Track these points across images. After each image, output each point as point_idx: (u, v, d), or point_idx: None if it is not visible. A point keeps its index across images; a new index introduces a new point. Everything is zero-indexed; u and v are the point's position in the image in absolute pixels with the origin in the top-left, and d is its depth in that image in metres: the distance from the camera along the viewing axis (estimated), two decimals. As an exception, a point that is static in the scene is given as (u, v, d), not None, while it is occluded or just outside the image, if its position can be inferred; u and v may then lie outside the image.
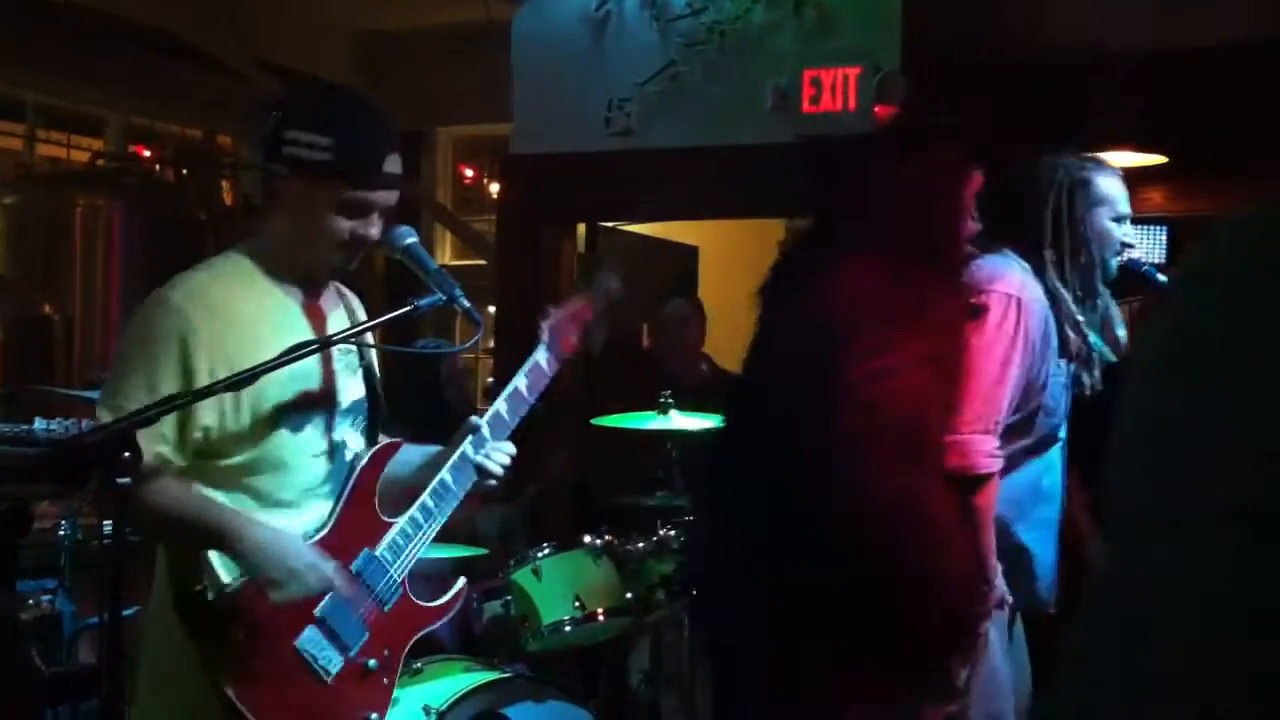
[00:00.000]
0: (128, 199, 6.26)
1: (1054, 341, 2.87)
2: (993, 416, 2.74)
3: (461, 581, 2.65)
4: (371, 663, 2.41)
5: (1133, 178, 6.13)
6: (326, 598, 2.33)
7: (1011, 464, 2.87)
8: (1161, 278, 3.10)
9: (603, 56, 5.73)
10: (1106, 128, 5.73)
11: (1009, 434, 2.82)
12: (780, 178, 5.35)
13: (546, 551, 3.87)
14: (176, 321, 2.22)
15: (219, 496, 2.28)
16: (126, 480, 2.00)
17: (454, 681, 3.54)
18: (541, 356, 2.68)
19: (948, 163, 2.62)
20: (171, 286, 2.27)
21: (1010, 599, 2.95)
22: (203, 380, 2.20)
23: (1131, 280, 3.12)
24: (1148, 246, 6.08)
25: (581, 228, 6.22)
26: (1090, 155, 3.41)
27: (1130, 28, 5.59)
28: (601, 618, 3.82)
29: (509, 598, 3.88)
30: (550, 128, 5.80)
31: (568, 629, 3.78)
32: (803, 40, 5.38)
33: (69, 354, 6.08)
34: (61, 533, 3.92)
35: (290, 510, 2.34)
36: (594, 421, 4.04)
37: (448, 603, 2.61)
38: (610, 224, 6.30)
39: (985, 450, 2.73)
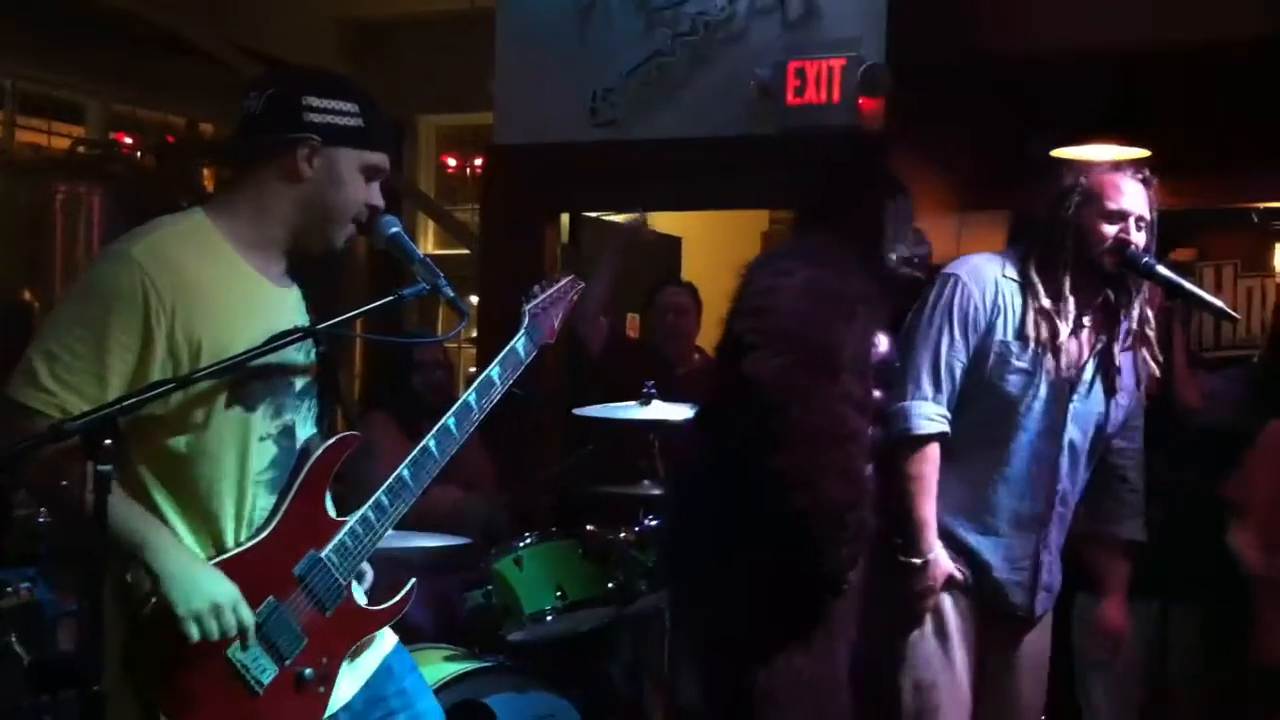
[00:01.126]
0: (109, 186, 6.23)
1: (997, 321, 3.05)
2: (925, 380, 3.02)
3: (411, 583, 2.52)
4: (308, 672, 2.29)
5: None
6: (263, 603, 2.22)
7: (959, 456, 2.96)
8: (1162, 270, 3.12)
9: (587, 46, 5.72)
10: (1088, 122, 5.75)
11: (959, 409, 3.04)
12: (764, 169, 5.37)
13: (529, 541, 3.87)
14: (138, 277, 2.14)
15: (151, 481, 2.20)
16: (108, 467, 2.00)
17: (435, 671, 3.54)
18: (520, 344, 2.63)
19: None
20: (131, 239, 2.20)
21: (960, 577, 3.05)
22: (159, 344, 2.14)
23: (1131, 272, 3.14)
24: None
25: (565, 218, 6.21)
26: (1086, 155, 3.52)
27: (1113, 24, 5.60)
28: (583, 607, 3.82)
29: (490, 587, 3.88)
30: (534, 118, 5.79)
31: (549, 619, 3.78)
32: (787, 31, 5.38)
33: (48, 341, 6.05)
34: (41, 520, 3.90)
35: (227, 500, 2.24)
36: (575, 412, 4.04)
37: (395, 606, 2.48)
38: (594, 214, 6.29)
39: (922, 414, 3.00)
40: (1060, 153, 5.91)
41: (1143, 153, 5.86)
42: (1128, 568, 3.34)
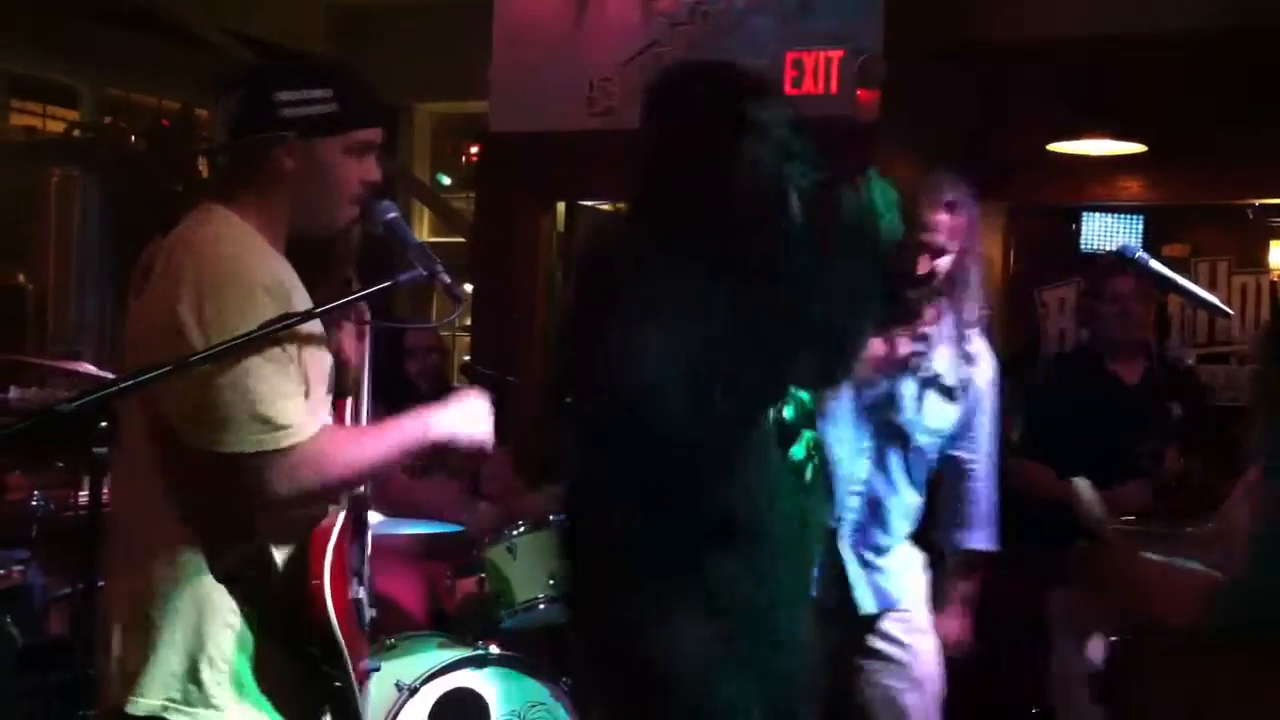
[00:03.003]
0: (103, 170, 6.22)
1: None
2: None
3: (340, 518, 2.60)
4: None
5: (1110, 166, 6.21)
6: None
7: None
8: (1154, 264, 3.12)
9: (584, 35, 5.72)
10: (1084, 116, 5.75)
11: None
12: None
13: (521, 529, 3.88)
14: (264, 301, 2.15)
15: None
16: (104, 450, 1.99)
17: (427, 658, 3.54)
18: None
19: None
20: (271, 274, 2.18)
21: None
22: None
23: (1124, 267, 3.15)
24: (1124, 233, 6.12)
25: (561, 206, 6.21)
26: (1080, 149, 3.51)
27: (1108, 15, 5.60)
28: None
29: (483, 575, 3.88)
30: (530, 106, 5.79)
31: (541, 607, 3.78)
32: (784, 22, 5.37)
33: (42, 324, 6.05)
34: (34, 504, 3.90)
35: None
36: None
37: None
38: (589, 203, 6.29)
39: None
40: (1055, 147, 5.92)
41: (1137, 147, 5.87)
42: (972, 581, 3.34)
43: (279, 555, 2.23)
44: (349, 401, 2.52)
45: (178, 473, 2.18)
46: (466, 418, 2.37)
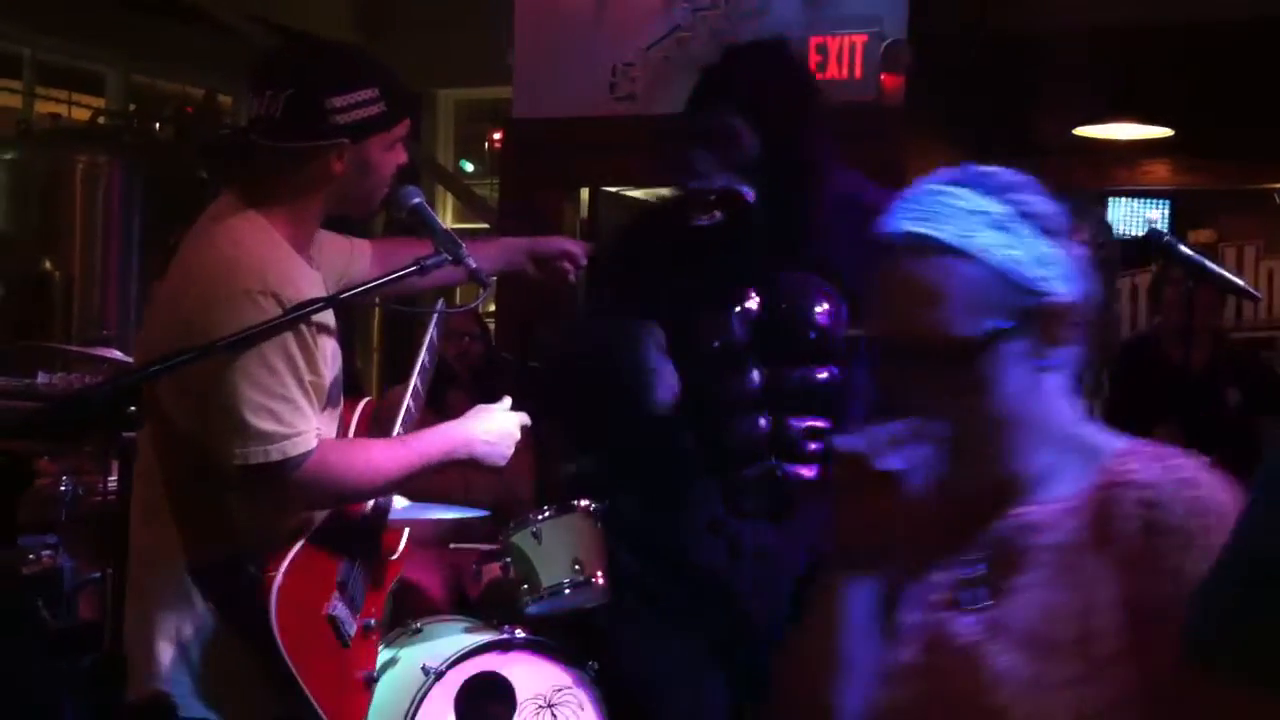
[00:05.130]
0: (128, 157, 6.24)
1: None
2: None
3: (405, 532, 2.62)
4: (371, 622, 2.42)
5: (1137, 150, 6.18)
6: (343, 563, 2.33)
7: None
8: (1183, 248, 3.09)
9: (607, 20, 5.71)
10: (1112, 101, 5.72)
11: None
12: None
13: (546, 515, 3.87)
14: (274, 310, 2.12)
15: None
16: (132, 434, 2.00)
17: (453, 642, 3.55)
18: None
19: None
20: (248, 274, 2.13)
21: None
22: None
23: (1152, 250, 3.13)
24: (1152, 218, 6.08)
25: (584, 192, 6.20)
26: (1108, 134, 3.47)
27: (1137, 2, 5.57)
28: (601, 581, 3.83)
29: (508, 560, 3.88)
30: (553, 92, 5.78)
31: (567, 592, 3.78)
32: (808, 6, 5.35)
33: (69, 311, 6.07)
34: (62, 489, 3.92)
35: None
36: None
37: (401, 554, 2.62)
38: (613, 189, 6.28)
39: None
40: (1081, 131, 5.89)
41: (1164, 132, 5.84)
42: None
43: (251, 564, 2.23)
44: (360, 401, 2.51)
45: (172, 466, 2.20)
46: (493, 437, 2.36)
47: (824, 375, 2.47)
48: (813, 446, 2.46)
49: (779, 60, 2.64)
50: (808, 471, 2.47)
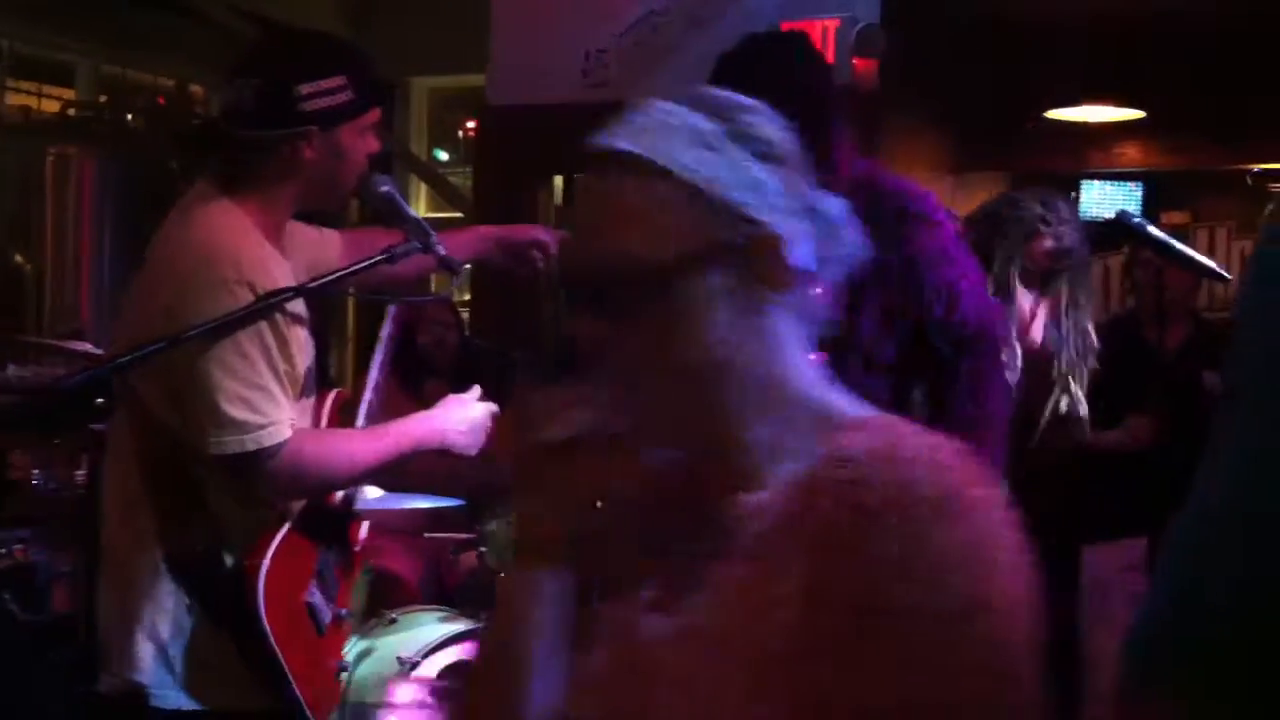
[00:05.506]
0: (100, 148, 6.20)
1: None
2: None
3: (365, 523, 2.59)
4: (343, 612, 2.43)
5: (1110, 133, 6.20)
6: (319, 551, 2.33)
7: None
8: (1152, 230, 3.11)
9: (581, 6, 5.69)
10: (1084, 84, 5.74)
11: None
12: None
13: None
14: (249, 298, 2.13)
15: None
16: (101, 426, 2.00)
17: (428, 631, 3.55)
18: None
19: None
20: (221, 263, 2.14)
21: None
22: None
23: (1121, 233, 3.15)
24: (1124, 200, 6.10)
25: (558, 180, 6.19)
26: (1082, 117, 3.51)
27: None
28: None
29: (484, 549, 3.88)
30: (527, 78, 5.76)
31: (543, 580, 3.79)
32: (782, -9, 5.34)
33: (40, 304, 6.04)
34: (35, 482, 3.90)
35: None
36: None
37: (364, 545, 2.60)
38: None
39: None
40: (1055, 114, 5.91)
41: (1137, 114, 5.86)
42: None
43: (230, 553, 2.23)
44: (331, 392, 2.50)
45: (149, 456, 2.19)
46: (465, 427, 2.36)
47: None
48: None
49: (799, 50, 2.70)
50: None
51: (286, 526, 2.26)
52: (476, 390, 2.43)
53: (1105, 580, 4.10)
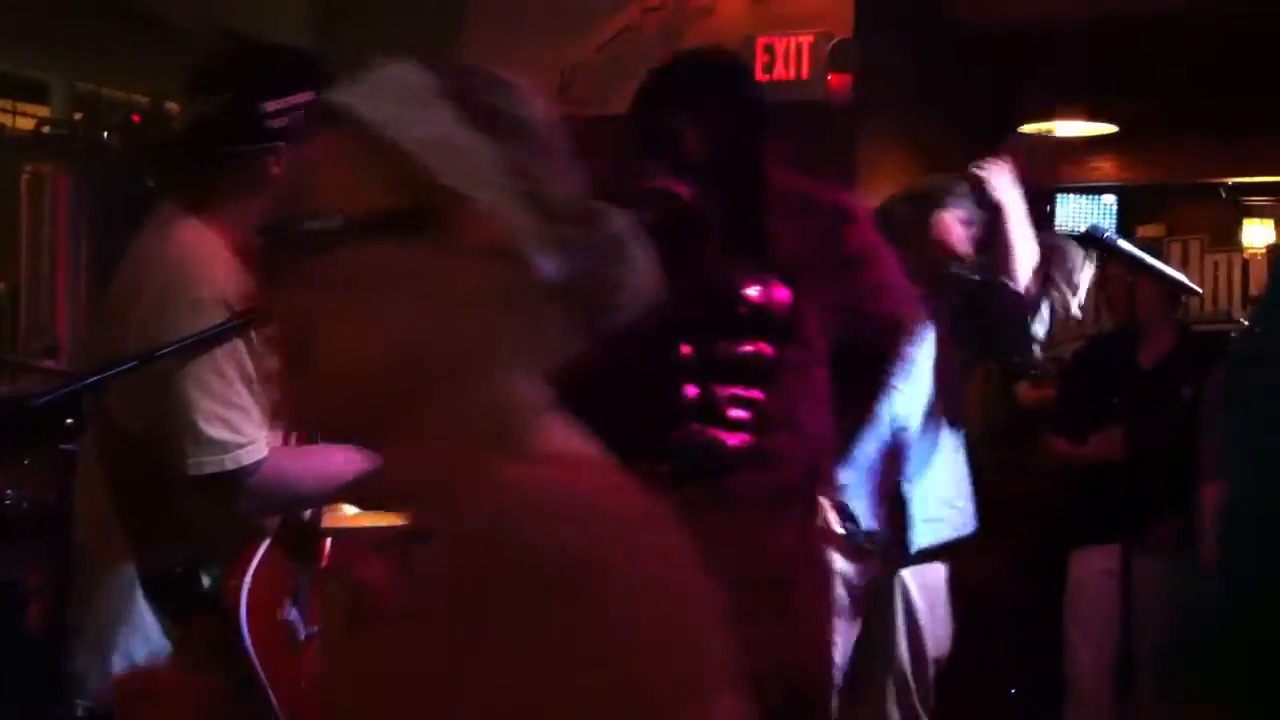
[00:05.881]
0: (75, 166, 6.18)
1: None
2: None
3: (328, 540, 2.57)
4: (314, 629, 2.39)
5: (1084, 147, 6.24)
6: (292, 568, 2.32)
7: None
8: (1123, 244, 3.14)
9: (556, 20, 5.70)
10: (1057, 97, 5.77)
11: None
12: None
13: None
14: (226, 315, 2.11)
15: None
16: (71, 446, 1.99)
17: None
18: None
19: None
20: (197, 282, 2.13)
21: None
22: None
23: (1093, 247, 3.18)
24: (1098, 214, 6.14)
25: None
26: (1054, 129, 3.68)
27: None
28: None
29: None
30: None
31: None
32: (755, 6, 5.37)
33: (15, 322, 6.01)
34: (6, 502, 3.87)
35: None
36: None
37: (327, 560, 2.57)
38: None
39: None
40: (1029, 128, 5.94)
41: (1109, 128, 5.89)
42: None
43: (207, 573, 2.22)
44: None
45: (121, 476, 2.18)
46: None
47: (751, 349, 2.51)
48: (738, 413, 2.50)
49: (726, 66, 2.74)
50: (733, 438, 2.51)
51: (266, 543, 2.25)
52: None
53: (1084, 580, 4.14)
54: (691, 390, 2.51)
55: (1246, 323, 5.70)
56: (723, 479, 2.50)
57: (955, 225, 3.50)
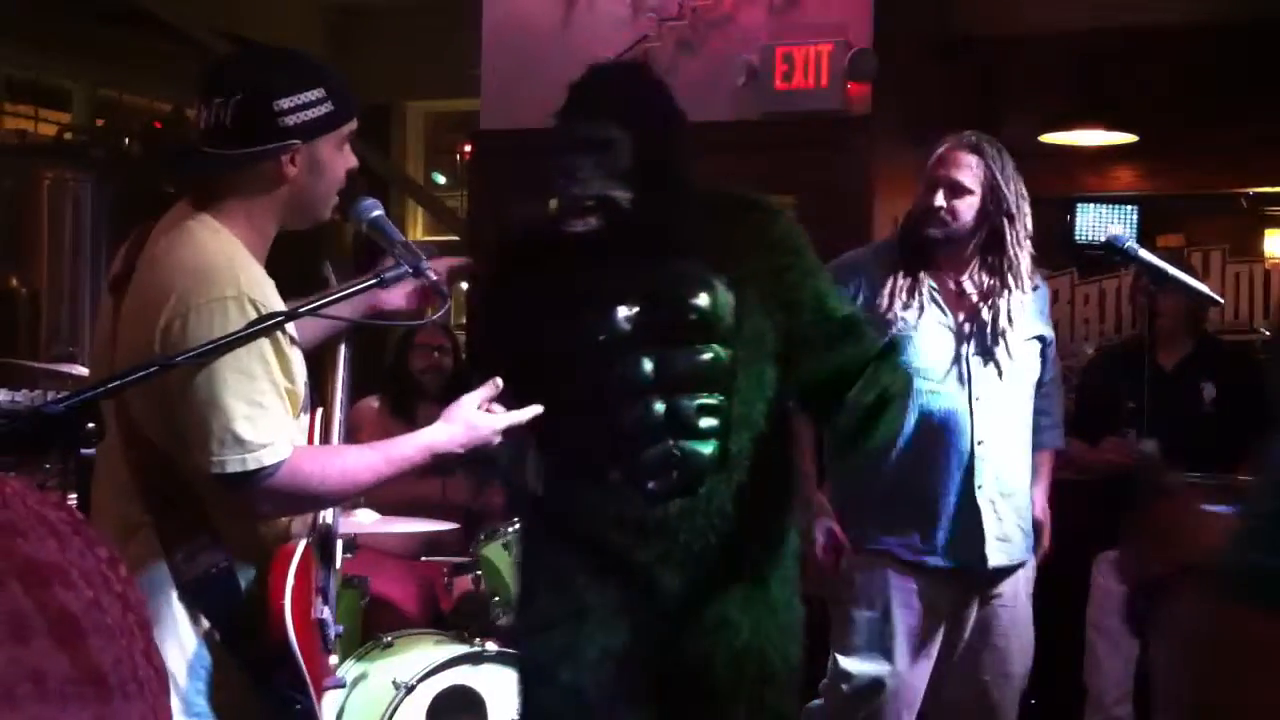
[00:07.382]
0: (96, 172, 6.22)
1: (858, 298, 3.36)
2: None
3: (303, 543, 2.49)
4: (341, 629, 2.42)
5: (1103, 156, 6.21)
6: (320, 569, 2.31)
7: None
8: (1143, 254, 3.13)
9: (573, 31, 5.71)
10: (1077, 106, 5.75)
11: None
12: (752, 154, 5.36)
13: (516, 526, 3.87)
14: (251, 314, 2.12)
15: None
16: (91, 451, 1.99)
17: (424, 655, 3.55)
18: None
19: None
20: (224, 282, 2.13)
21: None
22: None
23: (1113, 256, 3.17)
24: (1119, 223, 6.11)
25: (553, 203, 6.20)
26: (1072, 140, 3.64)
27: (1100, 6, 5.60)
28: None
29: (479, 572, 3.88)
30: (521, 103, 5.77)
31: (537, 604, 3.78)
32: (774, 16, 5.37)
33: (35, 328, 6.05)
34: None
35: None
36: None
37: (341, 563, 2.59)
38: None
39: None
40: (1047, 138, 5.92)
41: (1129, 137, 5.87)
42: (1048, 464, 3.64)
43: (244, 575, 2.22)
44: (319, 411, 2.49)
45: (150, 480, 2.18)
46: (457, 427, 2.33)
47: (709, 355, 2.54)
48: (707, 423, 2.52)
49: (645, 77, 2.87)
50: (705, 448, 2.53)
51: (304, 544, 2.25)
52: (472, 397, 2.39)
53: (1107, 588, 4.13)
54: (659, 406, 2.53)
55: (1268, 333, 5.68)
56: (694, 488, 2.52)
57: None
